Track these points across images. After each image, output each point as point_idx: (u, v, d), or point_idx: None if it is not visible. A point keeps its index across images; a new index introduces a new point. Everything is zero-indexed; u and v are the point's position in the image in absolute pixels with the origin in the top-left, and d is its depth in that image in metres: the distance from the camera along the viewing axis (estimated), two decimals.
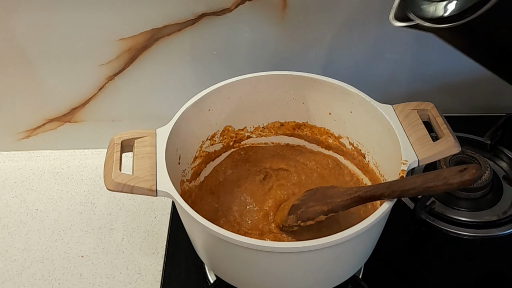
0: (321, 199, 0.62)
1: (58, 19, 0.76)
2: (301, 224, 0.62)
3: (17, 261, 0.74)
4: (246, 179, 0.74)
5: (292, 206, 0.65)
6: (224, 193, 0.72)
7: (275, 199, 0.70)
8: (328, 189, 0.62)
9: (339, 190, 0.61)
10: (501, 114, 0.87)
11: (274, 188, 0.72)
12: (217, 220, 0.68)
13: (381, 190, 0.55)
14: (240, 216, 0.69)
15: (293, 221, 0.63)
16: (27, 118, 0.87)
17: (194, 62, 0.82)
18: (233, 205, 0.70)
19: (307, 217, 0.61)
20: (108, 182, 0.56)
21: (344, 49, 0.83)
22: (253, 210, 0.69)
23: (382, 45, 0.83)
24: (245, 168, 0.75)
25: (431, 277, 0.70)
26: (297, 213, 0.63)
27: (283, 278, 0.57)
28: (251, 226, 0.68)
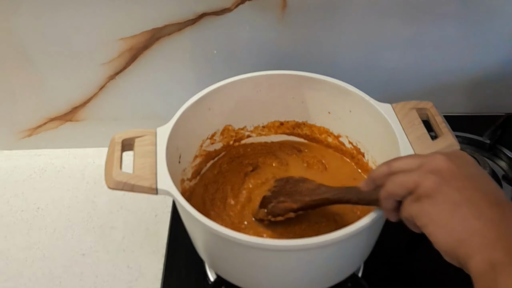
0: (291, 194, 0.63)
1: (59, 19, 0.76)
2: (272, 219, 0.64)
3: (18, 260, 0.74)
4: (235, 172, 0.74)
5: (263, 198, 0.66)
6: (213, 185, 0.73)
7: (248, 191, 0.71)
8: (298, 183, 0.64)
9: (309, 186, 0.62)
10: (500, 114, 0.88)
11: (251, 181, 0.73)
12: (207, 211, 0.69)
13: (349, 195, 0.57)
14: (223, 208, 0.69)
15: (263, 215, 0.65)
16: (29, 117, 0.87)
17: (195, 62, 0.82)
18: (217, 197, 0.71)
19: (277, 213, 0.63)
20: (109, 180, 0.57)
21: (343, 49, 0.83)
22: (231, 203, 0.70)
23: (382, 45, 0.83)
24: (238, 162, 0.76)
25: (431, 276, 0.70)
26: (267, 207, 0.64)
27: (283, 276, 0.57)
28: (233, 217, 0.68)
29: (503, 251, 0.41)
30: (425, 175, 0.46)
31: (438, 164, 0.46)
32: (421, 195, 0.46)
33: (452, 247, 0.43)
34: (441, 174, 0.45)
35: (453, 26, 0.82)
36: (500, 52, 0.86)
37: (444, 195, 0.45)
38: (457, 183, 0.45)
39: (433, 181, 0.45)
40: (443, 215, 0.44)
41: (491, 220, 0.43)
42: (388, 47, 0.83)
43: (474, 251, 0.42)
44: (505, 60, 0.87)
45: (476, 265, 0.41)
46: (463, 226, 0.43)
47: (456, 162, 0.47)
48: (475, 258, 0.42)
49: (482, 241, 0.42)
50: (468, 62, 0.86)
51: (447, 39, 0.83)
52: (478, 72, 0.88)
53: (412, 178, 0.47)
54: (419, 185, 0.46)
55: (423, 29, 0.81)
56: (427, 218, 0.45)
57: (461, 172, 0.46)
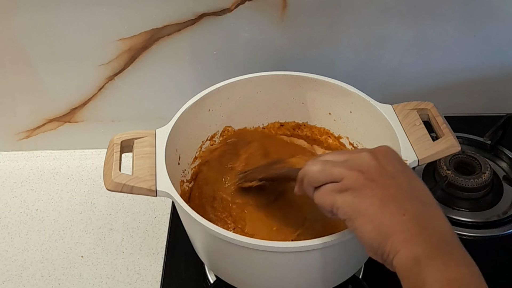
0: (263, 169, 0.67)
1: (58, 19, 0.76)
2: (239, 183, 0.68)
3: (17, 261, 0.74)
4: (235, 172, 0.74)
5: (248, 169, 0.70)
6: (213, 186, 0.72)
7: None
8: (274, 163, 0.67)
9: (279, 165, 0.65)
10: (501, 114, 0.87)
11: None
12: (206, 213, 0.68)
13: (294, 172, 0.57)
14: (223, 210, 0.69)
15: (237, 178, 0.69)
16: (27, 118, 0.87)
17: (194, 62, 0.82)
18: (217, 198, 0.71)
19: (247, 179, 0.68)
20: (108, 182, 0.56)
21: (344, 49, 0.83)
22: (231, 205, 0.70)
23: (382, 45, 0.83)
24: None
25: None
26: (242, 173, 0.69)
27: (283, 278, 0.57)
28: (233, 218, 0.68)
29: (425, 245, 0.42)
30: (352, 171, 0.47)
31: (364, 161, 0.47)
32: (347, 187, 0.46)
33: (378, 243, 0.44)
34: (367, 172, 0.46)
35: (454, 26, 0.81)
36: (500, 52, 0.86)
37: (372, 190, 0.45)
38: (382, 180, 0.46)
39: (359, 177, 0.46)
40: (371, 209, 0.45)
41: (415, 216, 0.44)
42: (388, 48, 0.83)
43: (398, 247, 0.43)
44: (506, 60, 0.87)
45: (400, 260, 0.43)
46: (390, 222, 0.44)
47: (380, 159, 0.48)
48: (400, 253, 0.43)
49: (406, 236, 0.43)
50: (469, 63, 0.86)
51: (448, 39, 0.83)
52: (479, 73, 0.87)
53: (338, 169, 0.47)
54: (345, 178, 0.47)
55: (424, 29, 0.81)
56: (354, 211, 0.45)
57: (385, 169, 0.47)
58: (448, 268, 0.41)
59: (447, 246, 0.44)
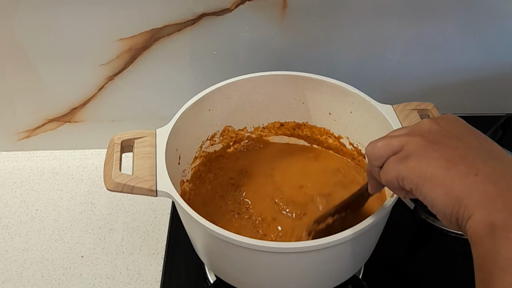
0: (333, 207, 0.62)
1: (58, 19, 0.76)
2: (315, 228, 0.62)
3: (17, 261, 0.74)
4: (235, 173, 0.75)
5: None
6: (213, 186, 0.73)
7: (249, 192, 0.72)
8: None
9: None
10: (501, 114, 0.87)
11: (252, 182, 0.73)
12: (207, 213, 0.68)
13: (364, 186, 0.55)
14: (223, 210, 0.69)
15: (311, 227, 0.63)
16: (27, 118, 0.87)
17: (194, 62, 0.82)
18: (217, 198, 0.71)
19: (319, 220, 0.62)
20: (108, 182, 0.56)
21: (344, 49, 0.83)
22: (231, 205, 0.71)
23: (382, 45, 0.83)
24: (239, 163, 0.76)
25: (431, 277, 0.70)
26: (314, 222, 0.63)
27: (283, 278, 0.57)
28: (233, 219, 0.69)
29: (503, 211, 0.37)
30: (412, 136, 0.43)
31: (425, 127, 0.44)
32: (409, 154, 0.42)
33: (451, 207, 0.40)
34: (430, 135, 0.43)
35: (454, 26, 0.81)
36: (500, 52, 0.86)
37: (436, 151, 0.41)
38: (448, 142, 0.42)
39: (421, 140, 0.42)
40: (438, 172, 0.40)
41: (489, 175, 0.39)
42: (389, 48, 0.83)
43: (472, 210, 0.38)
44: (506, 60, 0.87)
45: (474, 225, 0.38)
46: (461, 183, 0.39)
47: (442, 123, 0.44)
48: (474, 217, 0.38)
49: (481, 198, 0.38)
50: (469, 63, 0.86)
51: (448, 39, 0.82)
52: (479, 73, 0.87)
53: (397, 139, 0.44)
54: (406, 144, 0.43)
55: (424, 29, 0.81)
56: (421, 177, 0.41)
57: (450, 132, 0.43)
58: None
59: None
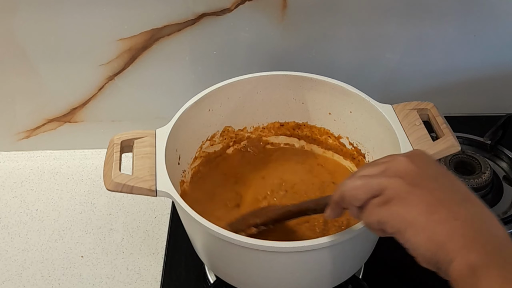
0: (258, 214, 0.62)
1: (58, 19, 0.76)
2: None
3: (17, 261, 0.74)
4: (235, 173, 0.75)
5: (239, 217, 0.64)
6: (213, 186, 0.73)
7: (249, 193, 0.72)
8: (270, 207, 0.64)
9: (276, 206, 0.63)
10: (501, 114, 0.87)
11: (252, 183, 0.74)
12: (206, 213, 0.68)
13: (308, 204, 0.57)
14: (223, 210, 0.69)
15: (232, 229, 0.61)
16: (27, 118, 0.87)
17: (194, 62, 0.82)
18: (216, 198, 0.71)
19: (241, 228, 0.61)
20: (108, 182, 0.56)
21: (344, 49, 0.83)
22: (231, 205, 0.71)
23: (382, 45, 0.83)
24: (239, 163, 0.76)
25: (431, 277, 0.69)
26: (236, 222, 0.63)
27: (283, 278, 0.57)
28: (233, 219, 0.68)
29: (482, 251, 0.39)
30: (391, 178, 0.43)
31: (402, 167, 0.44)
32: (390, 198, 0.43)
33: (432, 253, 0.41)
34: (407, 177, 0.43)
35: (454, 26, 0.81)
36: (500, 52, 0.85)
37: (417, 196, 0.42)
38: (426, 184, 0.43)
39: (401, 183, 0.43)
40: (420, 218, 0.41)
41: (468, 220, 0.41)
42: (388, 48, 0.83)
43: (453, 255, 0.40)
44: (506, 60, 0.87)
45: (456, 268, 0.39)
46: (443, 229, 0.40)
47: (418, 163, 0.45)
48: (455, 262, 0.39)
49: (461, 243, 0.40)
50: (469, 63, 0.86)
51: (447, 39, 0.82)
52: (479, 73, 0.87)
53: (376, 181, 0.44)
54: (386, 188, 0.43)
55: (424, 29, 0.81)
56: (403, 223, 0.42)
57: (425, 173, 0.44)
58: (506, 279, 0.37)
59: (505, 254, 0.40)
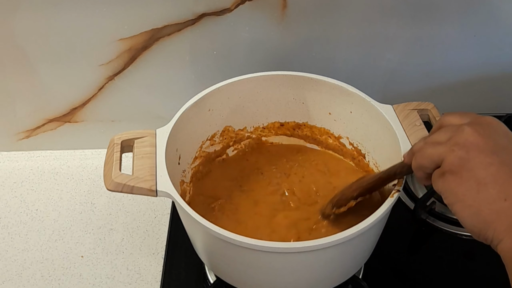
0: (353, 187, 0.63)
1: (57, 19, 0.76)
2: (336, 211, 0.63)
3: (17, 261, 0.74)
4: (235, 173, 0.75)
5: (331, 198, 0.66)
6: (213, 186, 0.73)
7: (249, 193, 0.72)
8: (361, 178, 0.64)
9: (368, 176, 0.63)
10: (501, 114, 0.88)
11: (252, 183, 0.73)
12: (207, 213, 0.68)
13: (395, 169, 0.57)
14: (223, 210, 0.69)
15: (329, 209, 0.65)
16: (27, 118, 0.87)
17: (194, 62, 0.82)
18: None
19: (340, 204, 0.63)
20: (108, 182, 0.56)
21: (344, 49, 0.83)
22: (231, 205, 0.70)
23: (382, 45, 0.83)
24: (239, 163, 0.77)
25: (431, 277, 0.70)
26: (333, 201, 0.65)
27: (283, 278, 0.57)
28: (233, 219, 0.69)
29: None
30: (450, 149, 0.45)
31: (465, 138, 0.45)
32: (445, 171, 0.45)
33: (479, 228, 0.43)
34: (467, 148, 0.44)
35: (454, 26, 0.81)
36: (500, 52, 0.85)
37: (469, 171, 0.43)
38: (483, 158, 0.44)
39: (457, 156, 0.44)
40: (468, 194, 0.43)
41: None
42: (389, 48, 0.83)
43: (502, 235, 0.41)
44: (506, 60, 0.87)
45: (505, 248, 0.41)
46: (489, 208, 0.42)
47: (484, 134, 0.45)
48: (504, 241, 0.41)
49: (510, 223, 0.41)
50: (469, 63, 0.86)
51: (447, 39, 0.82)
52: (479, 73, 0.87)
53: (438, 151, 0.46)
54: (444, 159, 0.45)
55: (424, 29, 0.81)
56: (453, 197, 0.44)
57: (488, 145, 0.44)
58: None
59: None
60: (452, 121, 0.49)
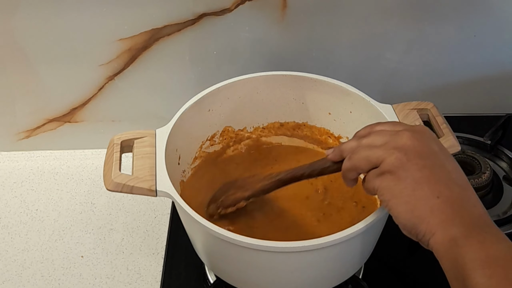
0: (242, 186, 0.63)
1: (58, 19, 0.76)
2: (222, 212, 0.63)
3: (17, 261, 0.74)
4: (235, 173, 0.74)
5: (212, 197, 0.66)
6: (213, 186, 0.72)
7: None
8: (249, 178, 0.64)
9: (260, 176, 0.63)
10: (501, 114, 0.87)
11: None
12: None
13: (301, 171, 0.58)
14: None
15: (213, 209, 0.64)
16: (27, 118, 0.87)
17: (194, 62, 0.82)
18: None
19: (228, 204, 0.63)
20: (108, 182, 0.56)
21: (344, 49, 0.83)
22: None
23: (382, 45, 0.83)
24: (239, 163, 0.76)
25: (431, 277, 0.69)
26: (217, 202, 0.64)
27: (283, 278, 0.57)
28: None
29: (461, 226, 0.44)
30: (389, 151, 0.48)
31: (403, 142, 0.48)
32: (384, 171, 0.48)
33: (412, 224, 0.46)
34: (405, 151, 0.47)
35: (454, 26, 0.81)
36: (500, 52, 0.86)
37: (406, 171, 0.47)
38: (419, 161, 0.47)
39: (396, 158, 0.47)
40: (405, 192, 0.46)
41: (449, 198, 0.45)
42: (388, 48, 0.83)
43: (434, 229, 0.45)
44: (506, 60, 0.87)
45: (437, 241, 0.44)
46: (423, 205, 0.45)
47: (420, 139, 0.49)
48: (436, 235, 0.44)
49: (441, 218, 0.45)
50: (469, 62, 0.86)
51: (447, 39, 0.83)
52: (479, 73, 0.87)
53: (377, 153, 0.49)
54: (383, 161, 0.48)
55: (424, 29, 0.81)
56: (389, 194, 0.47)
57: (424, 149, 0.48)
58: (486, 245, 0.43)
59: (482, 225, 0.45)
60: (386, 127, 0.52)
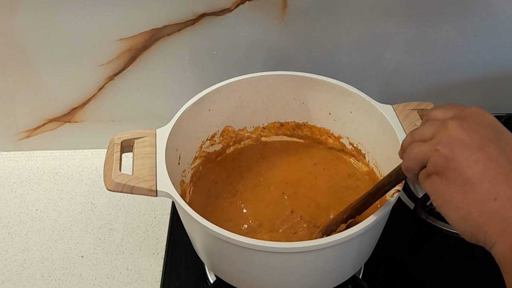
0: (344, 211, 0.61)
1: (58, 19, 0.76)
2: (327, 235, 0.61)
3: (17, 261, 0.74)
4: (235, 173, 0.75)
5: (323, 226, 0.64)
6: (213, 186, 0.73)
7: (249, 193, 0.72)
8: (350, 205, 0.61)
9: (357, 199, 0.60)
10: (501, 114, 0.88)
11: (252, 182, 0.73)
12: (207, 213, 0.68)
13: (383, 181, 0.54)
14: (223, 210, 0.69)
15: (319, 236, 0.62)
16: (27, 118, 0.87)
17: (194, 62, 0.82)
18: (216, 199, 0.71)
19: (331, 229, 0.61)
20: (108, 182, 0.56)
21: (344, 49, 0.83)
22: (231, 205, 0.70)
23: (382, 45, 0.83)
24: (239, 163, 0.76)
25: (431, 277, 0.70)
26: (323, 229, 0.63)
27: (283, 278, 0.57)
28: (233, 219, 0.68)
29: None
30: (435, 147, 0.42)
31: (448, 134, 0.42)
32: (431, 172, 0.42)
33: (470, 232, 0.40)
34: (451, 147, 0.41)
35: (454, 26, 0.81)
36: (500, 52, 0.85)
37: (455, 171, 0.41)
38: (468, 156, 0.40)
39: (440, 156, 0.41)
40: (456, 196, 0.40)
41: (510, 198, 0.39)
42: (388, 48, 0.83)
43: (494, 238, 0.39)
44: (506, 60, 0.86)
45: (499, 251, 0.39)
46: (479, 210, 0.39)
47: (468, 128, 0.42)
48: (497, 245, 0.39)
49: (502, 226, 0.38)
50: (469, 63, 0.86)
51: (448, 39, 0.82)
52: (479, 73, 0.87)
53: (423, 151, 0.43)
54: (429, 160, 0.42)
55: (424, 29, 0.81)
56: (439, 199, 0.42)
57: (473, 140, 0.41)
58: None
59: None
60: (437, 115, 0.45)
